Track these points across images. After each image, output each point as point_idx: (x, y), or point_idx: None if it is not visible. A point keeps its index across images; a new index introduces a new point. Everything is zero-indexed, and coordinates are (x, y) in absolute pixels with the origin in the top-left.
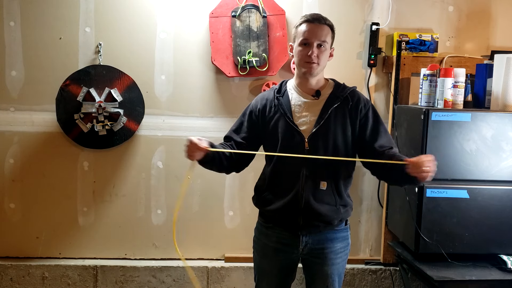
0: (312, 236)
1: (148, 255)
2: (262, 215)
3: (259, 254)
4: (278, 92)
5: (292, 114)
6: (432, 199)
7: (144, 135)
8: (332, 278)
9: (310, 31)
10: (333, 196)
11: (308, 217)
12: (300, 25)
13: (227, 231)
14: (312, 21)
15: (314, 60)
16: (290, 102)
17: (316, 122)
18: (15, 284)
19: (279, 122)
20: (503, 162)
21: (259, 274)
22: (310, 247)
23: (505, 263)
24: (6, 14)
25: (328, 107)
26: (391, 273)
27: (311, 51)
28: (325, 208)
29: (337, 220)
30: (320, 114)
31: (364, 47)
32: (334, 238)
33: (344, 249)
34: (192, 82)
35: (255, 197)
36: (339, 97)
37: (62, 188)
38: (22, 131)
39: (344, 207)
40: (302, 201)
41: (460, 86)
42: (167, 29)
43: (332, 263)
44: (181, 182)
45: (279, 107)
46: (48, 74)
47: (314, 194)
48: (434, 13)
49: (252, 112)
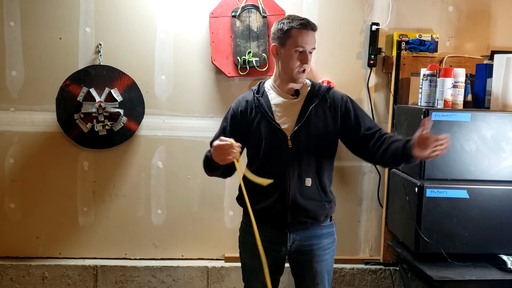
0: (299, 233)
1: (148, 255)
2: (248, 215)
3: (248, 253)
4: (257, 92)
5: (273, 114)
6: (432, 199)
7: (144, 135)
8: (322, 274)
9: (305, 39)
10: (318, 192)
11: (296, 214)
12: (291, 29)
13: (227, 231)
14: (306, 27)
15: (307, 68)
16: (270, 102)
17: (297, 121)
18: (15, 284)
19: (261, 123)
20: (503, 162)
21: (248, 274)
22: (297, 244)
23: (505, 263)
24: (6, 14)
25: (308, 105)
26: (391, 273)
27: (306, 59)
28: (311, 204)
29: (323, 216)
30: (301, 113)
31: (364, 47)
32: (320, 235)
33: (331, 245)
34: (192, 82)
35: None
36: (317, 95)
37: (62, 188)
38: (22, 131)
39: (329, 203)
40: (289, 199)
41: (460, 86)
42: (167, 29)
43: (320, 259)
44: (181, 181)
45: (259, 107)
46: (48, 74)
47: (301, 191)
48: (434, 13)
49: (234, 115)
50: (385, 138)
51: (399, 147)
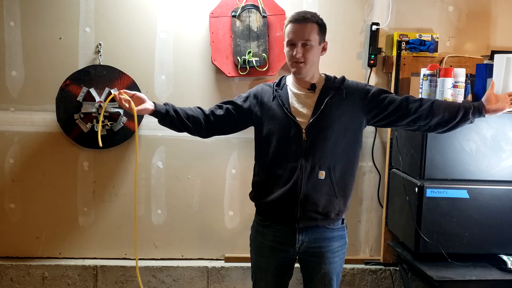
0: (308, 234)
1: (148, 255)
2: (259, 212)
3: (256, 252)
4: (277, 85)
5: (290, 106)
6: (432, 199)
7: (144, 135)
8: (330, 277)
9: (293, 32)
10: (332, 186)
11: (306, 208)
12: (286, 25)
13: (227, 231)
14: (295, 21)
15: (300, 59)
16: (288, 95)
17: (313, 113)
18: (15, 284)
19: (277, 113)
20: (503, 162)
21: (256, 273)
22: (306, 246)
23: (505, 263)
24: (6, 14)
25: (323, 98)
26: (391, 273)
27: (295, 51)
28: (323, 198)
29: (334, 213)
30: (316, 105)
31: (364, 47)
32: (331, 237)
33: (342, 248)
34: (192, 82)
35: (254, 191)
36: (332, 87)
37: (62, 188)
38: (22, 131)
39: (344, 198)
40: (301, 192)
41: (460, 86)
42: (167, 29)
43: (329, 262)
44: (181, 181)
45: (277, 98)
46: (48, 74)
47: (313, 184)
48: (434, 13)
49: (249, 97)
50: (434, 101)
51: (465, 106)
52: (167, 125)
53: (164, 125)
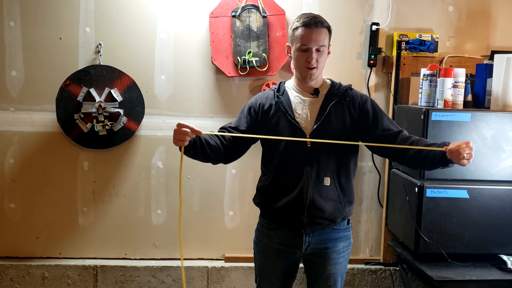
0: (315, 236)
1: (148, 255)
2: (265, 216)
3: (261, 255)
4: (278, 91)
5: (293, 112)
6: (432, 199)
7: (144, 135)
8: (335, 277)
9: (308, 37)
10: (337, 192)
11: (312, 214)
12: (297, 28)
13: (227, 231)
14: (310, 25)
15: (314, 65)
16: (290, 100)
17: (317, 119)
18: (15, 284)
19: (281, 120)
20: (503, 162)
21: (260, 276)
22: (313, 247)
23: (505, 263)
24: (6, 14)
25: (327, 104)
26: (391, 273)
27: (310, 57)
28: (329, 205)
29: (340, 218)
30: (320, 111)
31: (364, 47)
32: (337, 238)
33: (347, 248)
34: (192, 82)
35: (259, 196)
36: (336, 94)
37: (62, 188)
38: (22, 131)
39: (349, 204)
40: (307, 198)
41: (460, 86)
42: (167, 29)
43: (335, 262)
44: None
45: (279, 105)
46: (48, 74)
47: (319, 190)
48: (434, 13)
49: (251, 108)
50: (414, 140)
51: (436, 153)
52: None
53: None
